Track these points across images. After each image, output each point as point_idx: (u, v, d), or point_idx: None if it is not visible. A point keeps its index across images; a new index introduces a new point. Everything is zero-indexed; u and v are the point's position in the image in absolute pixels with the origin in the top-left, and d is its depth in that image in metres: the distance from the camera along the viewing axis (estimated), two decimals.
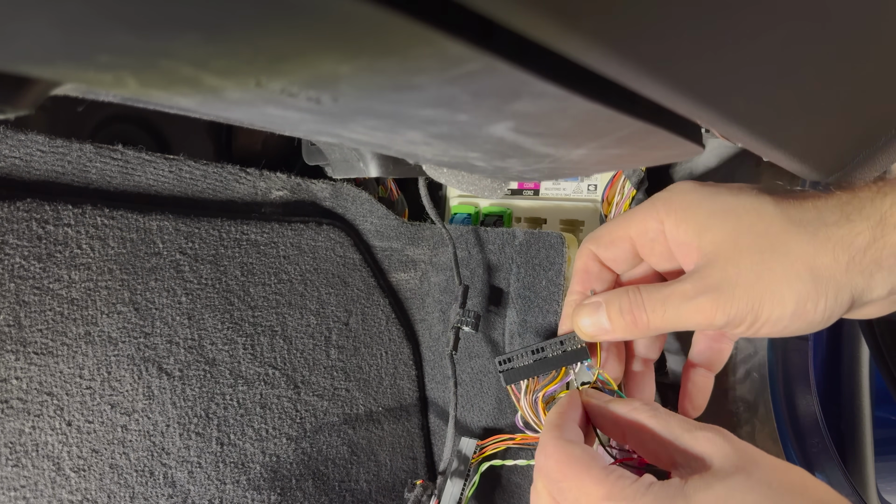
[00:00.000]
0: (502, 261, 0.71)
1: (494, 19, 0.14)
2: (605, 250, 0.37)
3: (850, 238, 0.29)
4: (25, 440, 0.47)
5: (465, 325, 0.63)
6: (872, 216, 0.29)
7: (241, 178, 0.61)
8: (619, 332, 0.34)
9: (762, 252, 0.30)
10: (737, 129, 0.26)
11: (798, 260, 0.30)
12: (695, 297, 0.31)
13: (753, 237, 0.31)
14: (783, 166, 0.34)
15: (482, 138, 0.26)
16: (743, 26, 0.19)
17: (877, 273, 0.29)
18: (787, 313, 0.30)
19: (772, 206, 0.31)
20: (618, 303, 0.34)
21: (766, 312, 0.30)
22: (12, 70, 0.15)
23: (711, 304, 0.31)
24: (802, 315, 0.30)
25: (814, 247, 0.30)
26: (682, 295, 0.31)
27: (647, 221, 0.34)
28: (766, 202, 0.31)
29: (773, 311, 0.30)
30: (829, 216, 0.30)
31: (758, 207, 0.31)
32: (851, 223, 0.30)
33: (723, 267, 0.31)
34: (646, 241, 0.35)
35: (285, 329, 0.64)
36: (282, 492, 0.62)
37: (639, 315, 0.33)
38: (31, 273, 0.48)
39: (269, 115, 0.22)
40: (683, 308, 0.31)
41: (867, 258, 0.29)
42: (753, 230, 0.31)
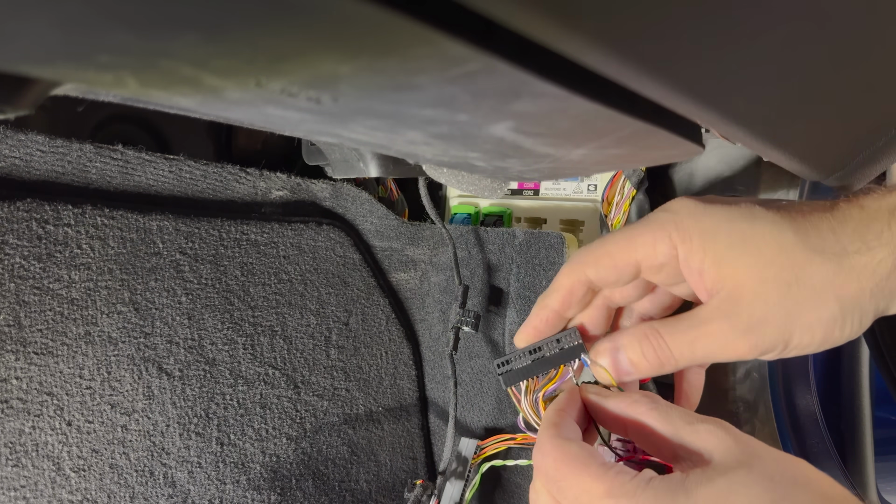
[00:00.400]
0: (502, 261, 0.71)
1: (494, 19, 0.14)
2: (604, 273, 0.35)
3: (873, 266, 0.30)
4: (25, 440, 0.47)
5: (465, 325, 0.63)
6: (891, 242, 0.30)
7: (241, 178, 0.61)
8: (644, 374, 0.34)
9: (789, 286, 0.30)
10: (737, 129, 0.26)
11: (825, 291, 0.30)
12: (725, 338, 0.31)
13: (777, 270, 0.31)
14: (783, 166, 0.34)
15: (482, 138, 0.26)
16: (743, 26, 0.19)
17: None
18: (816, 341, 0.31)
19: (791, 234, 0.31)
20: (639, 347, 0.33)
21: (795, 342, 0.31)
22: (12, 70, 0.15)
23: (743, 343, 0.31)
24: (830, 339, 0.31)
25: (839, 277, 0.30)
26: (710, 335, 0.31)
27: (657, 245, 0.33)
28: (785, 230, 0.31)
29: (803, 339, 0.31)
30: (849, 244, 0.30)
31: (777, 237, 0.31)
32: (872, 251, 0.30)
33: (750, 303, 0.31)
34: (654, 266, 0.33)
35: (285, 329, 0.64)
36: (282, 492, 0.62)
37: (666, 359, 0.33)
38: (31, 273, 0.48)
39: (269, 115, 0.22)
40: (713, 347, 0.32)
41: (890, 282, 0.30)
42: (777, 262, 0.31)
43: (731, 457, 0.28)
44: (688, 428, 0.30)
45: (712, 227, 0.32)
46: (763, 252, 0.31)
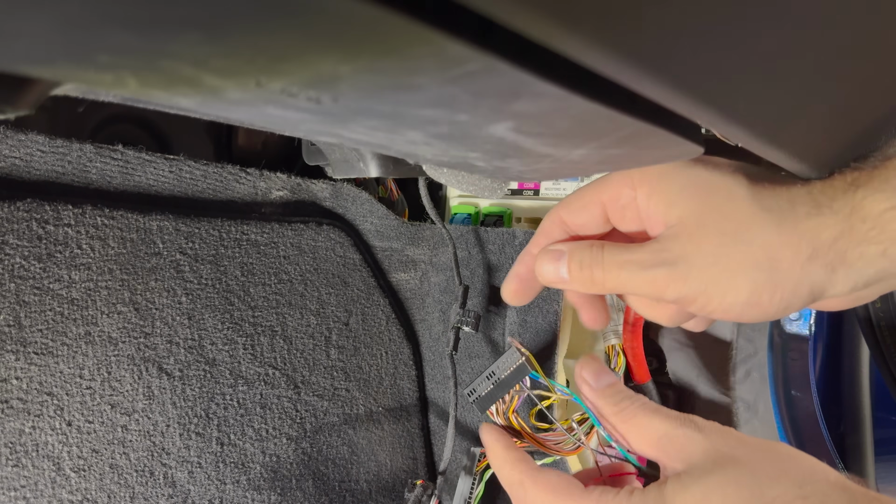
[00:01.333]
0: (502, 261, 0.71)
1: (494, 19, 0.14)
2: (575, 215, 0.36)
3: (817, 231, 0.29)
4: (25, 440, 0.47)
5: (466, 326, 0.63)
6: (842, 209, 0.29)
7: (241, 178, 0.61)
8: (574, 285, 0.34)
9: (724, 234, 0.30)
10: (737, 128, 0.26)
11: (759, 249, 0.29)
12: (650, 268, 0.31)
13: (719, 217, 0.30)
14: (783, 166, 0.34)
15: (482, 138, 0.26)
16: (743, 26, 0.19)
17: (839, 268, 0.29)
18: (739, 300, 0.30)
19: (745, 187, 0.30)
20: (579, 256, 0.33)
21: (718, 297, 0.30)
22: (12, 70, 0.15)
23: (664, 278, 0.30)
24: (756, 305, 0.30)
25: (778, 237, 0.29)
26: (639, 263, 0.31)
27: (620, 188, 0.34)
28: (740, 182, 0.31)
29: (726, 296, 0.30)
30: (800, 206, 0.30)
31: (730, 186, 0.31)
32: (822, 216, 0.29)
33: (683, 243, 0.30)
34: (617, 208, 0.34)
35: (285, 329, 0.64)
36: (282, 492, 0.62)
37: (596, 272, 0.33)
38: (31, 273, 0.48)
39: (269, 115, 0.22)
40: (638, 276, 0.31)
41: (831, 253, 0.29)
42: (721, 210, 0.30)
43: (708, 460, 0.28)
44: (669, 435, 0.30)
45: (671, 172, 0.32)
46: (711, 198, 0.31)
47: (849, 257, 0.29)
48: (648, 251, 0.31)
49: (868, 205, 0.28)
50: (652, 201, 0.32)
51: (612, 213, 0.35)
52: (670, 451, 0.30)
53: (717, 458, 0.28)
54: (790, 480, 0.27)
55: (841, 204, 0.29)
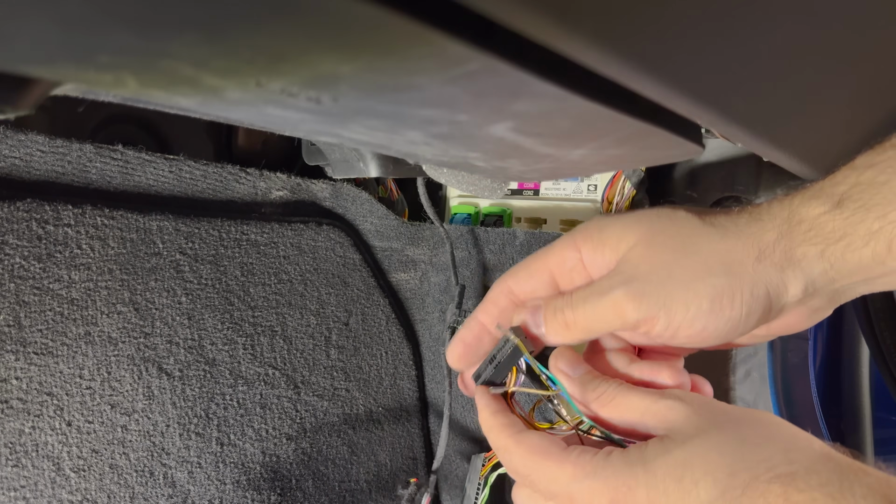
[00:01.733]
0: (502, 261, 0.71)
1: (494, 19, 0.14)
2: (522, 284, 0.37)
3: (760, 234, 0.30)
4: (25, 440, 0.47)
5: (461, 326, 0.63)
6: (780, 215, 0.30)
7: (241, 178, 0.61)
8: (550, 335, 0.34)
9: (674, 251, 0.31)
10: (737, 129, 0.26)
11: (710, 256, 0.30)
12: (609, 292, 0.31)
13: (666, 237, 0.31)
14: (783, 166, 0.34)
15: (482, 138, 0.26)
16: (743, 27, 0.19)
17: (787, 268, 0.30)
18: (702, 310, 0.30)
19: (684, 211, 0.32)
20: (553, 303, 0.34)
21: (680, 310, 0.30)
22: (13, 70, 0.15)
23: (623, 298, 0.30)
24: (719, 312, 0.30)
25: (724, 243, 0.30)
26: (599, 290, 0.32)
27: (564, 251, 0.35)
28: (679, 210, 0.33)
29: (689, 308, 0.30)
30: (739, 219, 0.31)
31: (670, 213, 0.32)
32: (761, 221, 0.30)
33: (636, 265, 0.31)
34: (565, 271, 0.35)
35: (285, 329, 0.64)
36: (282, 492, 0.62)
37: (569, 314, 0.33)
38: (31, 273, 0.48)
39: (269, 115, 0.22)
40: (600, 304, 0.31)
41: (777, 252, 0.30)
42: (666, 231, 0.31)
43: (691, 426, 0.29)
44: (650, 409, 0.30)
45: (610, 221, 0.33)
46: (655, 224, 0.32)
47: (794, 256, 0.29)
48: (606, 279, 0.32)
49: (803, 210, 0.29)
50: (598, 253, 0.33)
51: (559, 278, 0.36)
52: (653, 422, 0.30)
53: (701, 424, 0.29)
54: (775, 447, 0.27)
55: (777, 209, 0.30)
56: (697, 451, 0.27)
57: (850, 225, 0.28)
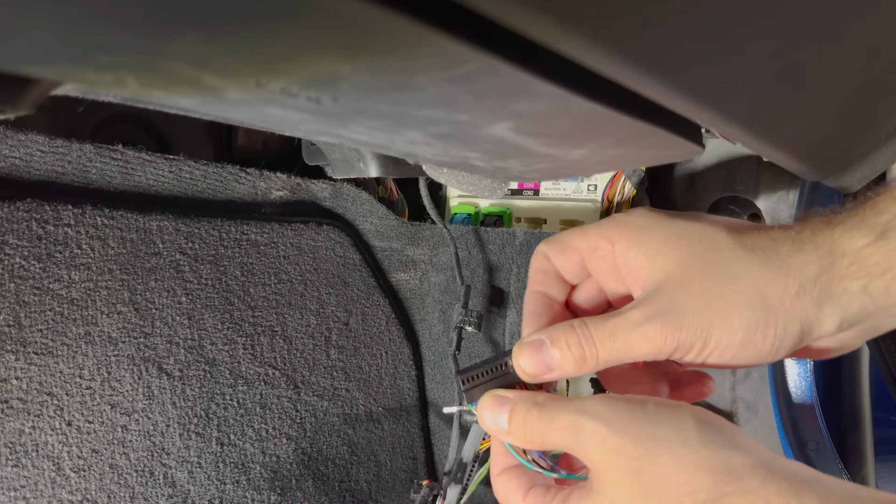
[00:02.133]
0: (503, 261, 0.71)
1: (495, 19, 0.14)
2: (556, 257, 0.36)
3: (801, 267, 0.29)
4: (25, 440, 0.47)
5: (469, 325, 0.63)
6: (822, 246, 0.29)
7: (241, 178, 0.61)
8: (567, 370, 0.33)
9: (713, 277, 0.30)
10: (737, 129, 0.26)
11: (749, 287, 0.29)
12: (643, 325, 0.30)
13: (704, 263, 0.30)
14: (783, 166, 0.34)
15: (482, 138, 0.26)
16: (742, 27, 0.19)
17: (826, 304, 0.29)
18: (735, 341, 0.30)
19: (724, 233, 0.31)
20: (564, 338, 0.32)
21: (714, 339, 0.30)
22: (13, 70, 0.15)
23: (660, 330, 0.30)
24: (751, 344, 0.30)
25: (765, 273, 0.29)
26: (631, 323, 0.30)
27: (598, 239, 0.34)
28: (720, 230, 0.31)
29: (722, 338, 0.30)
30: (782, 244, 0.30)
31: (710, 234, 0.31)
32: (803, 252, 0.29)
33: (672, 293, 0.30)
34: (594, 258, 0.34)
35: (285, 329, 0.64)
36: (282, 492, 0.62)
37: (588, 349, 0.31)
38: (31, 273, 0.48)
39: (269, 115, 0.22)
40: (632, 337, 0.30)
41: (817, 288, 0.29)
42: (705, 256, 0.30)
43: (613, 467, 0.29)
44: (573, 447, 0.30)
45: (649, 225, 0.32)
46: (693, 246, 0.31)
47: (833, 292, 0.29)
48: (638, 309, 0.31)
49: (846, 241, 0.29)
50: (632, 253, 0.32)
51: (589, 263, 0.35)
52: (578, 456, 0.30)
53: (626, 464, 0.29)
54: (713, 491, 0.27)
55: (820, 240, 0.29)
56: None
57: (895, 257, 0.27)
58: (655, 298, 0.31)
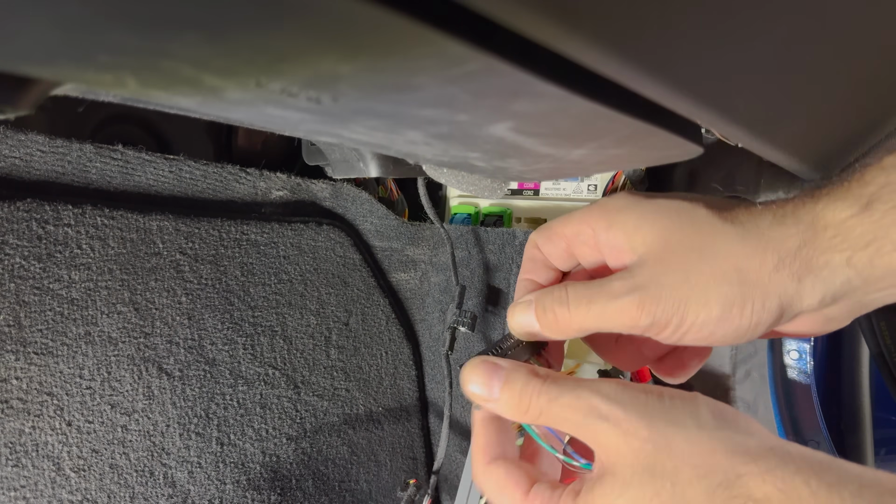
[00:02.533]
0: (502, 261, 0.71)
1: (495, 20, 0.14)
2: (544, 245, 0.36)
3: (781, 240, 0.29)
4: (25, 440, 0.47)
5: (462, 326, 0.63)
6: (804, 219, 0.28)
7: (241, 178, 0.61)
8: (546, 332, 0.33)
9: (691, 251, 0.30)
10: (736, 128, 0.26)
11: (726, 260, 0.29)
12: (620, 296, 0.30)
13: (683, 237, 0.30)
14: (783, 166, 0.34)
15: (482, 138, 0.26)
16: (742, 27, 0.19)
17: (806, 277, 0.28)
18: (712, 317, 0.29)
19: (703, 209, 0.31)
20: (542, 301, 0.33)
21: (691, 315, 0.29)
22: (13, 70, 0.15)
23: (637, 303, 0.29)
24: (728, 320, 0.29)
25: (743, 248, 0.29)
26: (609, 293, 0.30)
27: (580, 224, 0.34)
28: (699, 205, 0.31)
29: (699, 314, 0.29)
30: (762, 218, 0.30)
31: (690, 209, 0.31)
32: (784, 226, 0.29)
33: (651, 266, 0.30)
34: (578, 244, 0.34)
35: (285, 329, 0.64)
36: (282, 492, 0.62)
37: (561, 313, 0.32)
38: (31, 273, 0.48)
39: (269, 115, 0.22)
40: (608, 307, 0.30)
41: (797, 261, 0.28)
42: (684, 230, 0.30)
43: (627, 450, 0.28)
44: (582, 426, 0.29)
45: (629, 205, 0.32)
46: (673, 220, 0.31)
47: (814, 265, 0.28)
48: (618, 280, 0.31)
49: (829, 213, 0.28)
50: (611, 234, 0.32)
51: (574, 249, 0.35)
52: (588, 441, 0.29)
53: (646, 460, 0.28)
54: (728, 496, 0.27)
55: (802, 213, 0.29)
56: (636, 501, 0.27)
57: (880, 228, 0.27)
58: (636, 272, 0.30)
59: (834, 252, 0.28)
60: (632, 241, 0.31)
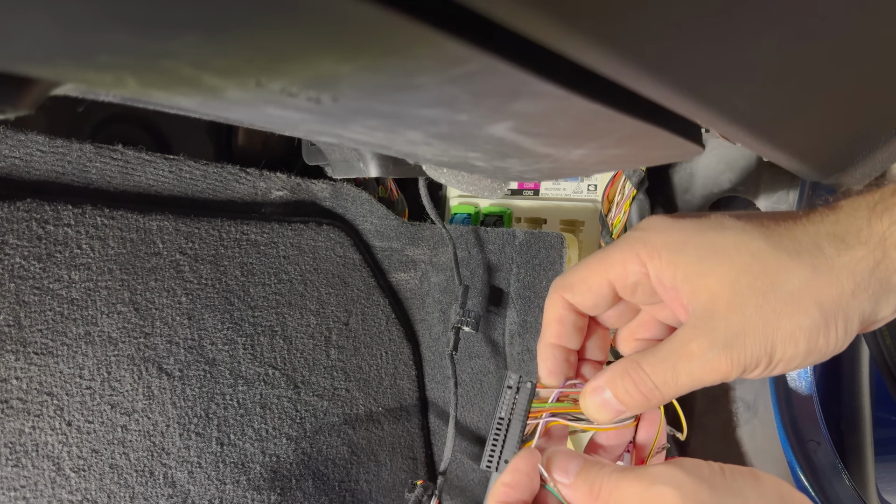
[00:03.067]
0: (502, 261, 0.71)
1: (494, 19, 0.14)
2: (581, 298, 0.35)
3: (853, 265, 0.28)
4: (25, 440, 0.47)
5: (466, 326, 0.63)
6: (871, 239, 0.28)
7: (241, 178, 0.61)
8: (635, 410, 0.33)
9: (765, 294, 0.29)
10: (737, 129, 0.26)
11: (803, 296, 0.29)
12: (704, 355, 0.29)
13: (751, 278, 0.29)
14: (783, 166, 0.34)
15: (482, 138, 0.26)
16: (742, 26, 0.19)
17: (883, 297, 0.29)
18: (800, 352, 0.29)
19: (762, 240, 0.30)
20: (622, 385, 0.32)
21: (778, 354, 0.29)
22: (13, 70, 0.15)
23: (724, 359, 0.29)
24: (815, 350, 0.29)
25: (817, 280, 0.28)
26: (690, 357, 0.30)
27: (627, 264, 0.32)
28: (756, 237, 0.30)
29: (787, 351, 0.29)
30: (826, 245, 0.29)
31: (748, 244, 0.30)
32: (851, 249, 0.28)
33: (726, 317, 0.29)
34: (627, 285, 0.33)
35: (285, 329, 0.64)
36: (282, 492, 0.62)
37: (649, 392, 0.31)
38: (31, 273, 0.48)
39: (269, 115, 0.22)
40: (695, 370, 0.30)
41: (873, 282, 0.28)
42: (750, 270, 0.29)
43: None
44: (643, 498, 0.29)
45: (680, 241, 0.31)
46: (735, 261, 0.30)
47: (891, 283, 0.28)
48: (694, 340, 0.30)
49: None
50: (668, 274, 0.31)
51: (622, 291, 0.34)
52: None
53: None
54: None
55: (868, 234, 0.28)
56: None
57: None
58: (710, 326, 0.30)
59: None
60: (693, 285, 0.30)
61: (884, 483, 0.77)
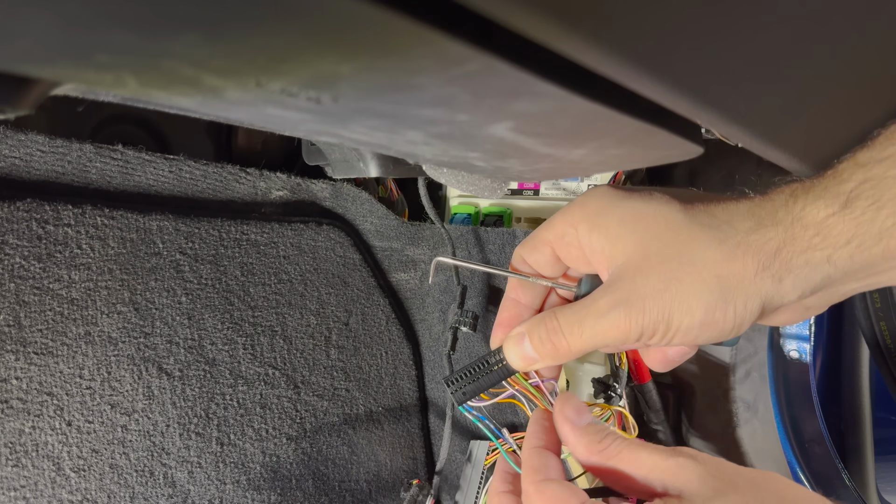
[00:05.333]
0: (502, 261, 0.71)
1: (494, 19, 0.14)
2: (529, 254, 0.37)
3: (761, 244, 0.29)
4: (25, 440, 0.47)
5: (463, 326, 0.63)
6: (783, 220, 0.29)
7: (241, 178, 0.61)
8: (546, 360, 0.34)
9: (670, 261, 0.30)
10: (736, 128, 0.26)
11: (705, 268, 0.29)
12: (607, 313, 0.31)
13: (661, 245, 0.30)
14: (783, 165, 0.34)
15: (482, 138, 0.26)
16: (743, 27, 0.19)
17: (786, 277, 0.29)
18: (695, 322, 0.30)
19: (681, 212, 0.31)
20: (537, 331, 0.34)
21: (675, 322, 0.30)
22: (13, 70, 0.15)
23: (624, 317, 0.30)
24: (711, 324, 0.30)
25: (722, 253, 0.29)
26: (596, 312, 0.31)
27: (563, 226, 0.34)
28: (675, 209, 0.31)
29: (683, 320, 0.30)
30: (740, 222, 0.30)
31: (666, 214, 0.31)
32: (763, 228, 0.29)
33: (632, 278, 0.31)
34: (562, 246, 0.35)
35: (285, 329, 0.64)
36: (282, 492, 0.62)
37: (558, 341, 0.33)
38: (31, 273, 0.48)
39: (269, 115, 0.22)
40: (598, 326, 0.31)
41: (777, 263, 0.29)
42: (662, 238, 0.30)
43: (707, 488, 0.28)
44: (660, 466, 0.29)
45: (608, 206, 0.32)
46: (651, 228, 0.31)
47: (794, 265, 0.29)
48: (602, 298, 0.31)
49: (809, 213, 0.28)
50: (593, 237, 0.33)
51: (559, 251, 0.36)
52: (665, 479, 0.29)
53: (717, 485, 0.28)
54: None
55: (782, 215, 0.29)
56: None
57: (860, 225, 0.27)
58: (618, 285, 0.31)
59: (814, 251, 0.28)
60: (613, 248, 0.32)
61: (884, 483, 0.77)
